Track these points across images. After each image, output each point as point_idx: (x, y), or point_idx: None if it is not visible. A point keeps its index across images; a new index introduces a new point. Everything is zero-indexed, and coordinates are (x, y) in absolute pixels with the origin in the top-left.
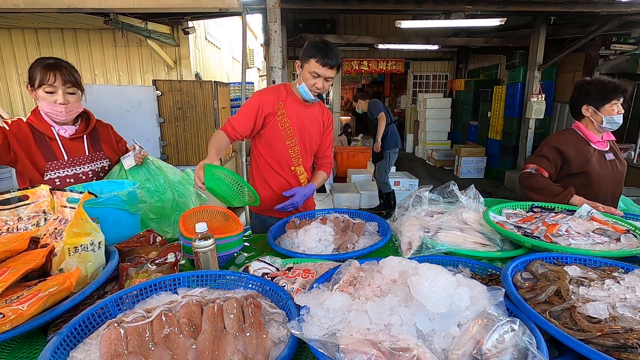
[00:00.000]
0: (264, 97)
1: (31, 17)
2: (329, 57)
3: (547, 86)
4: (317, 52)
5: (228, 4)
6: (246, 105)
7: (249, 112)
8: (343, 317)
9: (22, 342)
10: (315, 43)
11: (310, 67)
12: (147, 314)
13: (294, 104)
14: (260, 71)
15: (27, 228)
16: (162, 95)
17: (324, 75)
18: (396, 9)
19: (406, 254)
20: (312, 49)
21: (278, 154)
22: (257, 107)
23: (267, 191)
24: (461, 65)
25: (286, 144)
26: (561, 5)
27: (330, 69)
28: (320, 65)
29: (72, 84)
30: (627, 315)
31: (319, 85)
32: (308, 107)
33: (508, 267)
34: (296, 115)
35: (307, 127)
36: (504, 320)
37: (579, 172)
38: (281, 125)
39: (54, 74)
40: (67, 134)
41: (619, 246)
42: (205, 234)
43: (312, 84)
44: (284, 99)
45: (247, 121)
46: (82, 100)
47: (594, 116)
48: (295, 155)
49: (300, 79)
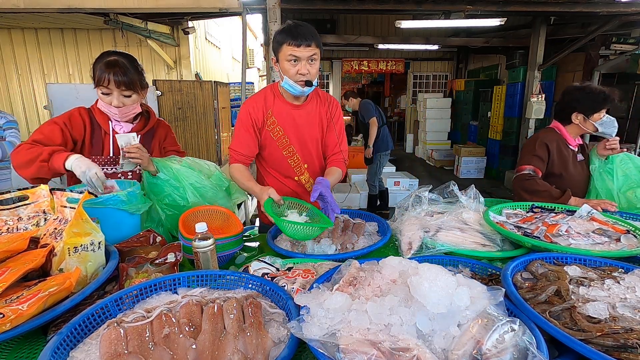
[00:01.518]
0: (251, 107)
1: (31, 17)
2: (301, 35)
3: (547, 86)
4: (286, 35)
5: (228, 4)
6: (240, 123)
7: (247, 129)
8: (343, 317)
9: (22, 342)
10: (282, 28)
11: (285, 54)
12: (147, 314)
13: (282, 107)
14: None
15: (27, 228)
16: (162, 95)
17: (303, 56)
18: (396, 9)
19: (406, 254)
20: (280, 34)
21: (278, 165)
22: (250, 119)
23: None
24: (461, 65)
25: (283, 154)
26: (561, 5)
27: (308, 47)
28: (295, 46)
29: (127, 86)
30: (627, 315)
31: (303, 70)
32: (300, 106)
33: (508, 267)
34: (288, 121)
35: (303, 131)
36: (504, 320)
37: (558, 172)
38: (274, 135)
39: (109, 75)
40: (122, 130)
41: (619, 246)
42: (205, 234)
43: (294, 72)
44: (271, 105)
45: (251, 140)
46: (144, 98)
47: (584, 123)
48: (295, 164)
49: (281, 74)
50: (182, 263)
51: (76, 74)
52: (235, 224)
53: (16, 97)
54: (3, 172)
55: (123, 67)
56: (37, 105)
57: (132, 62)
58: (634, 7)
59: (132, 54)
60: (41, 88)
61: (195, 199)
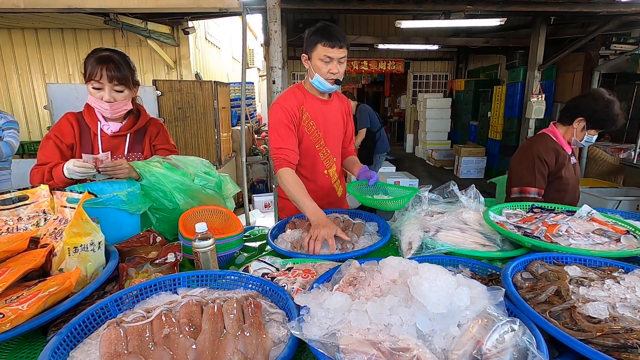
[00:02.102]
0: (287, 104)
1: (31, 17)
2: (336, 37)
3: (547, 86)
4: (321, 36)
5: (228, 4)
6: (278, 121)
7: (288, 125)
8: (343, 317)
9: (22, 342)
10: (316, 28)
11: (318, 53)
12: (147, 314)
13: (313, 102)
14: (260, 71)
15: (27, 228)
16: (162, 95)
17: (336, 56)
18: (396, 9)
19: (406, 254)
20: (315, 35)
21: (309, 160)
22: (289, 116)
23: None
24: (461, 65)
25: (316, 147)
26: (561, 5)
27: (340, 49)
28: (329, 47)
29: (119, 81)
30: (627, 315)
31: (334, 69)
32: (327, 101)
33: (508, 267)
34: (319, 115)
35: (331, 125)
36: (504, 320)
37: (554, 178)
38: (308, 130)
39: (101, 70)
40: (109, 130)
41: (619, 247)
42: (205, 234)
43: (326, 70)
44: (302, 101)
45: (294, 137)
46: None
47: (579, 132)
48: (325, 157)
49: (312, 71)
50: (182, 263)
51: (76, 74)
52: (235, 224)
53: (16, 97)
54: (2, 172)
55: (116, 62)
56: (37, 105)
57: (124, 58)
58: (634, 7)
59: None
60: (41, 88)
61: (185, 200)
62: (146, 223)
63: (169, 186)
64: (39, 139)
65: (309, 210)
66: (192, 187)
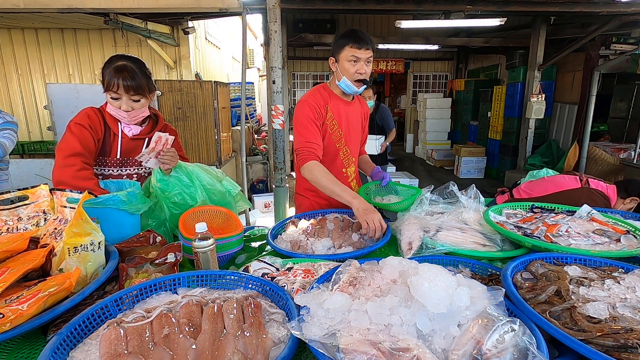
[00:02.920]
0: (314, 102)
1: (31, 17)
2: (363, 38)
3: (547, 86)
4: (349, 38)
5: (228, 4)
6: (304, 117)
7: (314, 122)
8: (343, 317)
9: (22, 342)
10: (344, 32)
11: (346, 54)
12: (147, 314)
13: (337, 103)
14: (260, 71)
15: (27, 228)
16: (162, 95)
17: (363, 57)
18: (396, 9)
19: (407, 254)
20: (343, 38)
21: (331, 158)
22: (316, 113)
23: (320, 200)
24: (461, 65)
25: (337, 146)
26: (561, 5)
27: (367, 50)
28: (356, 48)
29: (135, 91)
30: (627, 315)
31: (362, 70)
32: (350, 103)
33: (508, 267)
34: (342, 115)
35: (352, 126)
36: (504, 320)
37: None
38: (331, 129)
39: (117, 80)
40: (130, 133)
41: (619, 247)
42: (205, 234)
43: (353, 71)
44: (327, 100)
45: (319, 133)
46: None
47: (625, 207)
48: (345, 157)
49: (339, 74)
50: (182, 263)
51: (76, 74)
52: (235, 224)
53: (16, 97)
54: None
55: (131, 72)
56: (37, 105)
57: (141, 66)
58: (634, 7)
59: (140, 58)
60: (41, 88)
61: (204, 199)
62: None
63: (195, 182)
64: (39, 139)
65: (349, 195)
66: (217, 188)
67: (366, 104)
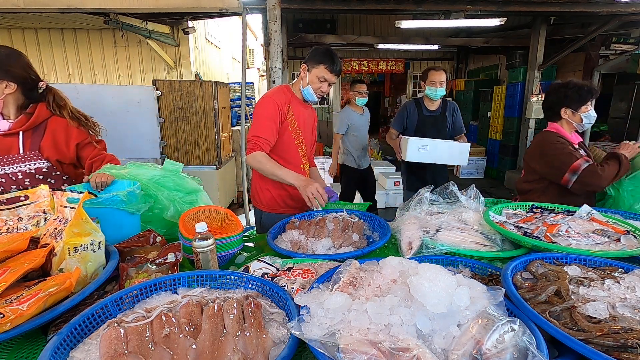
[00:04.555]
0: (278, 99)
1: (31, 17)
2: (337, 65)
3: (547, 86)
4: (327, 59)
5: (228, 4)
6: (264, 111)
7: (273, 118)
8: (343, 317)
9: (22, 342)
10: (324, 50)
11: (319, 72)
12: (147, 314)
13: (297, 104)
14: (260, 71)
15: (27, 228)
16: (162, 95)
17: (330, 80)
18: (396, 9)
19: (407, 254)
20: (321, 55)
21: (288, 154)
22: (277, 109)
23: (280, 191)
24: (461, 65)
25: (295, 143)
26: (561, 5)
27: (336, 76)
28: (329, 71)
29: None
30: (627, 315)
31: (324, 89)
32: (306, 107)
33: (508, 267)
34: (300, 116)
35: (308, 126)
36: (504, 320)
37: None
38: (291, 127)
39: None
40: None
41: (619, 247)
42: (205, 234)
43: (318, 87)
44: (290, 100)
45: (275, 128)
46: (14, 90)
47: (572, 117)
48: (303, 153)
49: (306, 81)
50: (182, 263)
51: (76, 74)
52: (235, 224)
53: None
54: None
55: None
56: None
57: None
58: (634, 7)
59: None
60: None
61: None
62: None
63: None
64: None
65: (291, 175)
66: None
67: (314, 110)
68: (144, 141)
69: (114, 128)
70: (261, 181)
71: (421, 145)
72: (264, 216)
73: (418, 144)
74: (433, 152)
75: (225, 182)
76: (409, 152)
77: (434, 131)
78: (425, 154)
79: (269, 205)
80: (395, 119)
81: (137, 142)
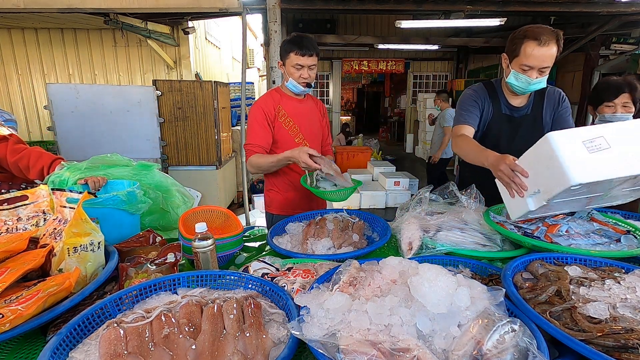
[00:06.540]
0: (263, 104)
1: (31, 17)
2: (306, 47)
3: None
4: (294, 45)
5: (228, 4)
6: (253, 119)
7: (261, 123)
8: (343, 318)
9: (22, 342)
10: (290, 38)
11: (291, 61)
12: (147, 314)
13: (289, 102)
14: (260, 71)
15: (27, 228)
16: (162, 95)
17: (306, 64)
18: (396, 9)
19: (407, 254)
20: (288, 44)
21: None
22: (264, 115)
23: (291, 193)
24: (461, 65)
25: (295, 141)
26: (561, 5)
27: (310, 57)
28: (300, 55)
29: None
30: (628, 315)
31: (305, 75)
32: (302, 101)
33: (508, 267)
34: (296, 112)
35: (308, 120)
36: (504, 321)
37: None
38: (285, 125)
39: None
40: None
41: (619, 247)
42: (205, 234)
43: (297, 75)
44: (279, 101)
45: (266, 133)
46: None
47: (594, 115)
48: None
49: (287, 76)
50: (182, 263)
51: (76, 74)
52: (235, 224)
53: (16, 97)
54: None
55: None
56: (37, 105)
57: None
58: (634, 7)
59: None
60: (41, 88)
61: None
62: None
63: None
64: (39, 139)
65: (285, 154)
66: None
67: (321, 103)
68: (144, 141)
69: (114, 128)
70: (270, 184)
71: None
72: (274, 219)
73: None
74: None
75: (225, 182)
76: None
77: (520, 140)
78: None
79: (280, 208)
80: (464, 107)
81: (137, 142)
